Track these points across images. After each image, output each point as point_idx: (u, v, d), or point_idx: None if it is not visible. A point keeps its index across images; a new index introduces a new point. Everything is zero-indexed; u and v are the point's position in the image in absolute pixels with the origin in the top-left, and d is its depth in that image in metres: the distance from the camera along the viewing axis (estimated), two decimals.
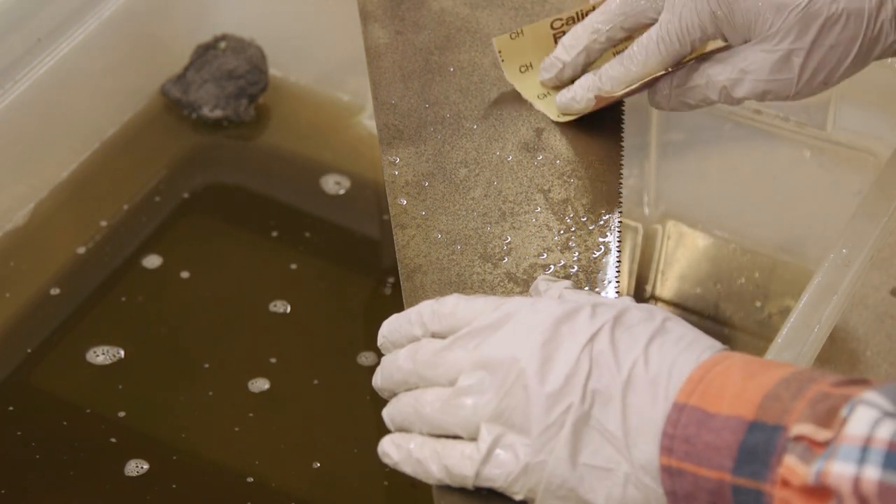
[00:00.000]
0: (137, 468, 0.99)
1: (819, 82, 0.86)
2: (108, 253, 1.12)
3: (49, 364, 1.05)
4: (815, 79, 0.86)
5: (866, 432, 0.63)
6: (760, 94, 0.86)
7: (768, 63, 0.85)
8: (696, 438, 0.69)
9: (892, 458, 0.62)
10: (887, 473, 0.61)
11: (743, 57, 0.86)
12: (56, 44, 1.12)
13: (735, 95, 0.87)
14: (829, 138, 1.08)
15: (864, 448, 0.62)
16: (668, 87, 0.89)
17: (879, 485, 0.61)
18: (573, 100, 0.92)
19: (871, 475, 0.62)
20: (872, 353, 1.11)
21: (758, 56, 0.85)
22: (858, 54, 0.85)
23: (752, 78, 0.86)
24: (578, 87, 0.92)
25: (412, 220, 0.89)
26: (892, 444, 0.62)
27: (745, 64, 0.86)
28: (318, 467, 0.99)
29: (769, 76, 0.85)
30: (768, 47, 0.85)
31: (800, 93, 0.86)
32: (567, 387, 0.72)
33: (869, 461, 0.62)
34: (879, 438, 0.62)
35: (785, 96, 0.87)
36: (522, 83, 0.94)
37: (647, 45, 0.88)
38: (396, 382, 0.78)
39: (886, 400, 0.63)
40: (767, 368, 0.70)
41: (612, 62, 0.90)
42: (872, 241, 0.91)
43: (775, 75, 0.85)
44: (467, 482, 0.74)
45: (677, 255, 1.17)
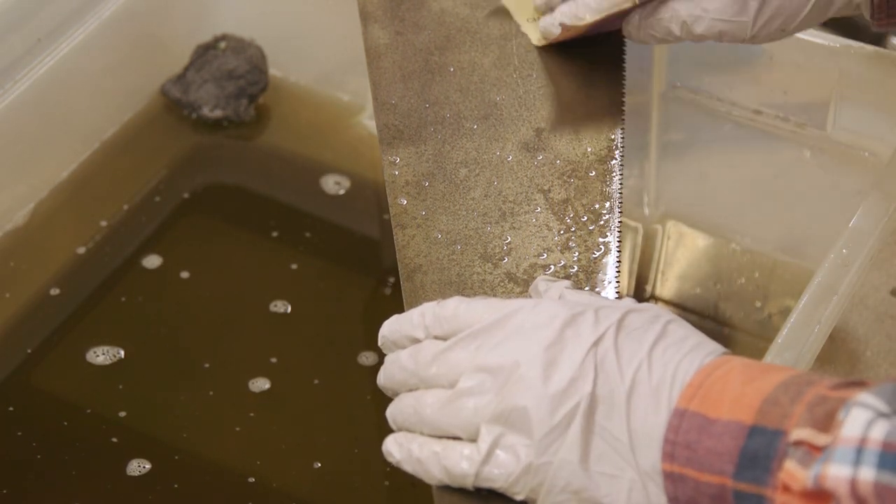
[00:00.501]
0: (140, 468, 0.99)
1: (776, 28, 0.89)
2: (108, 253, 1.12)
3: (49, 364, 1.05)
4: (772, 24, 0.89)
5: (861, 433, 0.63)
6: (717, 33, 0.90)
7: (727, 3, 0.88)
8: (698, 444, 0.69)
9: (886, 458, 0.62)
10: (882, 473, 0.61)
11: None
12: (56, 44, 1.12)
13: (695, 32, 0.90)
14: (829, 138, 1.07)
15: (858, 449, 0.62)
16: (638, 18, 0.92)
17: (875, 485, 0.61)
18: (552, 24, 0.95)
19: (866, 476, 0.62)
20: (872, 353, 1.11)
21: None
22: (816, 4, 0.88)
23: (711, 17, 0.89)
24: (558, 13, 0.95)
25: (412, 221, 0.89)
26: (885, 444, 0.62)
27: (707, 3, 0.89)
28: (319, 467, 0.99)
29: (726, 17, 0.89)
30: None
31: (756, 36, 0.90)
32: (571, 389, 0.72)
33: (864, 462, 0.62)
34: (873, 439, 0.62)
35: (741, 38, 0.90)
36: (517, 4, 0.98)
37: None
38: (398, 382, 0.78)
39: (880, 400, 0.64)
40: (766, 372, 0.70)
41: None
42: (872, 241, 0.91)
43: (732, 17, 0.89)
44: (467, 482, 0.75)
45: (677, 255, 1.17)
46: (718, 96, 1.10)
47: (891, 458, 0.62)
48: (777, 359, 0.85)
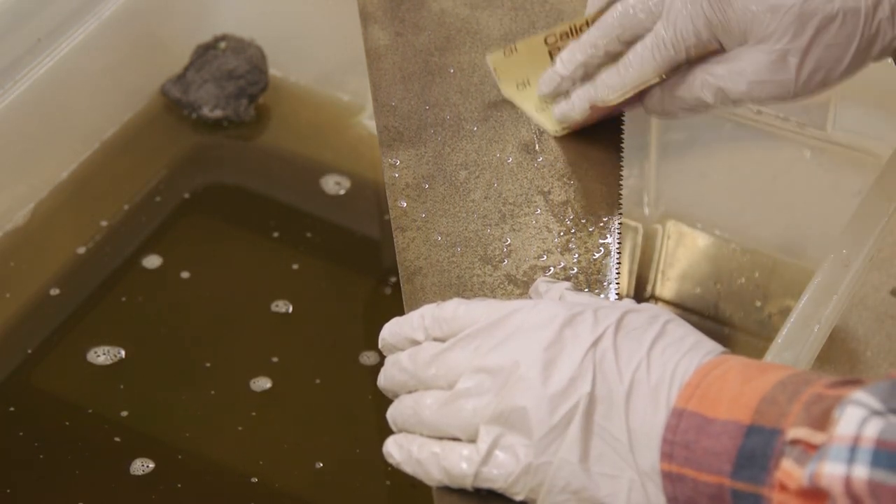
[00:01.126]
0: (143, 467, 0.99)
1: (817, 83, 0.85)
2: (108, 253, 1.13)
3: (50, 364, 1.05)
4: (814, 79, 0.85)
5: (854, 432, 0.63)
6: (757, 95, 0.86)
7: (765, 63, 0.84)
8: (696, 444, 0.69)
9: (879, 455, 0.62)
10: (876, 471, 0.62)
11: (739, 58, 0.85)
12: (56, 44, 1.12)
13: (731, 97, 0.86)
14: (829, 138, 1.08)
15: (852, 448, 0.62)
16: (661, 91, 0.89)
17: (869, 483, 0.62)
18: (571, 110, 0.91)
19: (860, 474, 0.62)
20: (872, 353, 1.11)
21: (754, 57, 0.85)
22: (857, 54, 0.84)
23: (749, 79, 0.85)
24: (575, 98, 0.91)
25: (412, 223, 0.89)
26: (879, 442, 0.62)
27: (742, 65, 0.85)
28: (321, 467, 0.99)
29: (766, 77, 0.85)
30: (765, 48, 0.84)
31: (798, 94, 0.86)
32: (570, 389, 0.72)
33: (857, 460, 0.62)
34: (867, 437, 0.62)
35: (783, 97, 0.86)
36: (520, 98, 0.94)
37: (642, 52, 0.87)
38: (398, 384, 0.78)
39: (874, 398, 0.64)
40: (764, 371, 0.70)
41: (608, 70, 0.89)
42: (872, 241, 0.91)
43: (772, 76, 0.85)
44: (466, 483, 0.75)
45: (677, 255, 1.17)
46: None
47: (884, 455, 0.62)
48: (777, 359, 0.85)
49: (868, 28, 0.84)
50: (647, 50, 0.87)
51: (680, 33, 0.86)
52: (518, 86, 0.94)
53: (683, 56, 0.87)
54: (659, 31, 0.86)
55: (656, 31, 0.87)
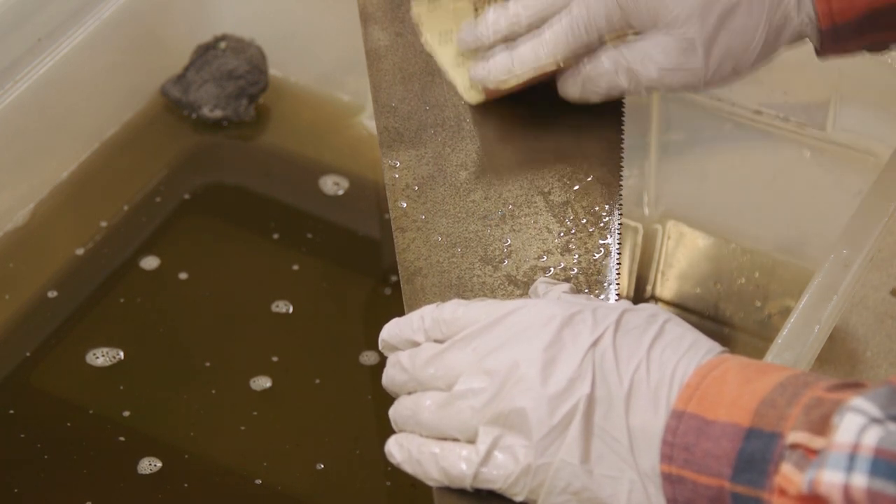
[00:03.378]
0: (151, 466, 0.99)
1: (729, 70, 0.86)
2: (107, 254, 1.13)
3: (49, 366, 1.05)
4: (724, 66, 0.85)
5: (853, 440, 0.63)
6: (669, 82, 0.86)
7: (673, 50, 0.85)
8: (695, 446, 0.69)
9: (878, 464, 0.62)
10: (874, 480, 0.62)
11: (650, 43, 0.85)
12: (56, 44, 1.12)
13: (644, 83, 0.86)
14: (829, 138, 1.08)
15: (851, 456, 0.62)
16: (577, 73, 0.88)
17: (868, 492, 0.62)
18: (487, 76, 0.90)
19: (859, 482, 0.62)
20: (872, 354, 1.11)
21: (662, 42, 0.85)
22: (766, 41, 0.85)
23: (659, 65, 0.85)
24: (492, 64, 0.90)
25: (412, 224, 0.89)
26: (878, 451, 0.62)
27: (652, 50, 0.85)
28: (322, 468, 1.00)
29: (675, 64, 0.85)
30: (673, 33, 0.84)
31: (710, 82, 0.86)
32: (570, 390, 0.72)
33: (856, 469, 0.62)
34: (866, 445, 0.62)
35: (695, 85, 0.86)
36: (440, 51, 0.94)
37: (557, 31, 0.87)
38: (399, 384, 0.78)
39: (873, 405, 0.64)
40: (763, 373, 0.70)
41: (525, 45, 0.89)
42: (872, 241, 0.91)
43: (682, 64, 0.85)
44: (466, 484, 0.75)
45: (677, 255, 1.17)
46: (718, 96, 1.10)
47: (883, 464, 0.62)
48: (777, 359, 0.85)
49: (773, 14, 0.84)
50: (563, 29, 0.87)
51: (593, 16, 0.86)
52: (440, 36, 0.94)
53: (596, 37, 0.87)
54: (574, 11, 0.87)
55: (571, 12, 0.87)
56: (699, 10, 0.84)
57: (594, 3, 0.86)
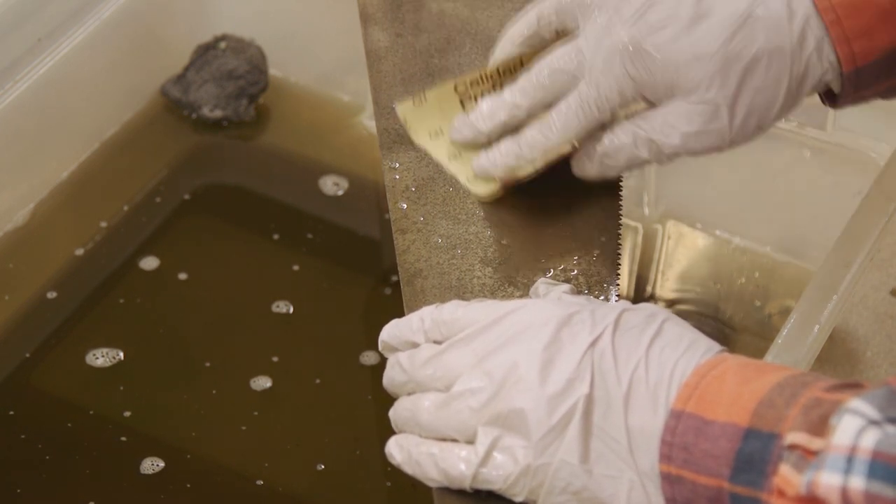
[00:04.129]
0: (153, 466, 0.99)
1: (753, 127, 0.82)
2: (107, 254, 1.13)
3: (48, 367, 1.05)
4: (749, 124, 0.82)
5: (851, 442, 0.63)
6: (693, 147, 0.82)
7: (695, 114, 0.81)
8: (694, 446, 0.69)
9: (875, 467, 0.62)
10: (872, 483, 0.62)
11: (669, 111, 0.82)
12: (56, 44, 1.13)
13: (665, 151, 0.83)
14: (829, 138, 1.08)
15: (849, 458, 0.63)
16: (592, 151, 0.85)
17: (866, 494, 0.62)
18: (493, 164, 0.87)
19: (856, 485, 0.62)
20: (872, 354, 1.11)
21: (684, 108, 0.81)
22: (788, 93, 0.81)
23: (682, 131, 0.81)
24: (497, 153, 0.87)
25: (412, 225, 0.89)
26: (875, 454, 0.62)
27: (673, 118, 0.82)
28: (322, 469, 1.00)
29: (698, 128, 0.81)
30: (694, 99, 0.81)
31: (735, 141, 0.82)
32: (569, 390, 0.72)
33: (854, 471, 0.62)
34: (863, 448, 0.62)
35: (720, 147, 0.82)
36: (433, 147, 0.91)
37: (567, 112, 0.84)
38: (398, 385, 0.78)
39: (871, 407, 0.64)
40: (762, 372, 0.70)
41: (532, 129, 0.85)
42: (872, 241, 0.91)
43: (705, 126, 0.81)
44: (465, 484, 0.75)
45: (677, 255, 1.17)
46: None
47: (880, 467, 0.62)
48: (777, 359, 0.85)
49: (796, 66, 0.81)
50: (572, 111, 0.83)
51: (604, 93, 0.82)
52: (430, 135, 0.91)
53: (608, 115, 0.83)
54: (583, 91, 0.83)
55: (580, 92, 0.83)
56: (719, 71, 0.80)
57: (604, 80, 0.82)
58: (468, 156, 0.89)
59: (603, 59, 0.82)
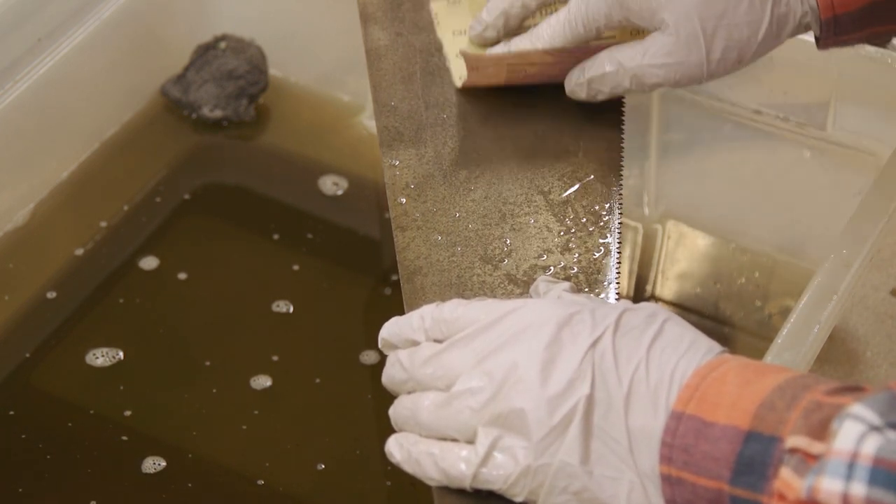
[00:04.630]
0: (155, 465, 0.99)
1: (733, 61, 0.86)
2: (107, 254, 1.12)
3: (48, 367, 1.05)
4: (728, 58, 0.86)
5: (852, 448, 0.63)
6: (672, 77, 0.87)
7: (675, 45, 0.85)
8: (694, 448, 0.69)
9: (877, 473, 0.62)
10: (873, 490, 0.62)
11: (651, 42, 0.86)
12: (56, 44, 1.12)
13: (646, 81, 0.87)
14: (829, 138, 1.08)
15: (850, 464, 0.62)
16: (581, 75, 0.90)
17: (867, 501, 0.62)
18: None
19: (857, 492, 0.62)
20: (872, 354, 1.11)
21: (664, 40, 0.86)
22: (769, 32, 0.86)
23: (661, 62, 0.86)
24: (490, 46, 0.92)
25: (412, 223, 0.89)
26: (876, 460, 0.62)
27: (654, 48, 0.86)
28: (323, 468, 1.00)
29: (676, 59, 0.86)
30: (673, 30, 0.85)
31: (713, 73, 0.87)
32: (569, 391, 0.72)
33: (855, 477, 0.62)
34: (864, 454, 0.62)
35: (698, 78, 0.87)
36: (451, 44, 0.95)
37: (555, 25, 0.89)
38: (398, 383, 0.78)
39: (873, 412, 0.63)
40: (762, 374, 0.70)
41: (522, 36, 0.91)
42: (872, 241, 0.91)
43: (683, 57, 0.86)
44: (465, 484, 0.75)
45: (677, 255, 1.17)
46: (718, 96, 1.10)
47: (882, 474, 0.62)
48: (777, 359, 0.85)
49: (777, 7, 0.85)
50: (560, 24, 0.89)
51: (592, 13, 0.88)
52: (454, 33, 0.95)
53: (594, 34, 0.88)
54: (573, 7, 0.88)
55: (570, 8, 0.88)
56: (700, 5, 0.84)
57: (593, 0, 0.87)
58: None
59: None
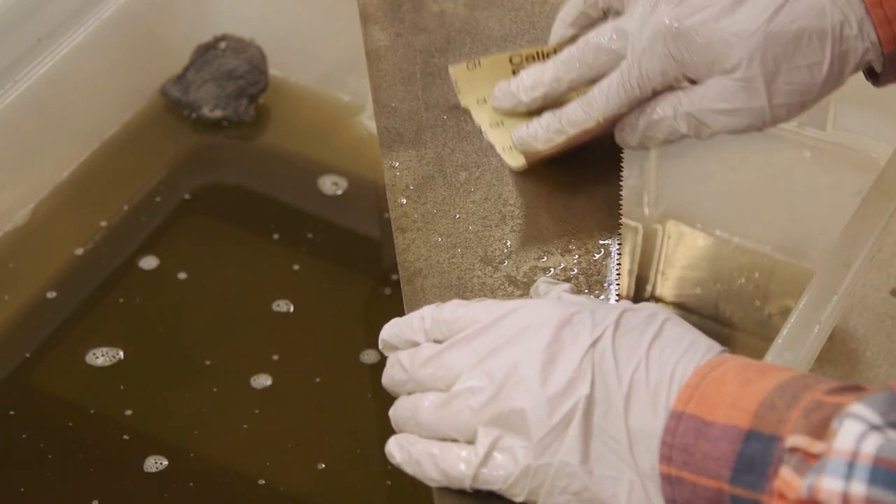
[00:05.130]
0: (157, 464, 0.99)
1: (796, 105, 0.83)
2: (107, 254, 1.13)
3: (49, 367, 1.05)
4: (791, 103, 0.83)
5: (853, 447, 0.63)
6: (732, 125, 0.84)
7: (734, 92, 0.82)
8: (694, 448, 0.69)
9: (876, 473, 0.62)
10: (873, 489, 0.62)
11: (709, 88, 0.83)
12: (56, 44, 1.12)
13: (706, 126, 0.84)
14: (829, 139, 1.08)
15: (850, 464, 0.62)
16: (635, 123, 0.86)
17: (867, 500, 0.62)
18: (533, 137, 0.88)
19: (857, 491, 0.62)
20: (872, 354, 1.11)
21: (723, 86, 0.82)
22: (831, 72, 0.82)
23: (720, 108, 0.83)
24: (538, 126, 0.88)
25: (412, 224, 0.89)
26: (877, 459, 0.62)
27: (712, 95, 0.83)
28: (323, 468, 1.00)
29: (737, 105, 0.82)
30: (733, 77, 0.82)
31: (776, 119, 0.84)
32: (569, 391, 0.72)
33: (855, 477, 0.62)
34: (864, 454, 0.62)
35: (758, 125, 0.84)
36: (478, 112, 0.93)
37: (608, 90, 0.85)
38: (398, 384, 0.78)
39: (873, 412, 0.64)
40: (762, 374, 0.70)
41: (573, 105, 0.87)
42: (872, 241, 0.91)
43: (743, 104, 0.82)
44: (465, 485, 0.75)
45: (677, 255, 1.17)
46: None
47: (882, 473, 0.62)
48: (777, 359, 0.85)
49: (837, 46, 0.82)
50: (613, 88, 0.85)
51: (646, 72, 0.84)
52: (478, 101, 0.93)
53: (649, 94, 0.85)
54: (624, 70, 0.84)
55: (622, 71, 0.85)
56: (759, 49, 0.81)
57: (646, 59, 0.83)
58: (510, 125, 0.91)
59: (647, 38, 0.83)
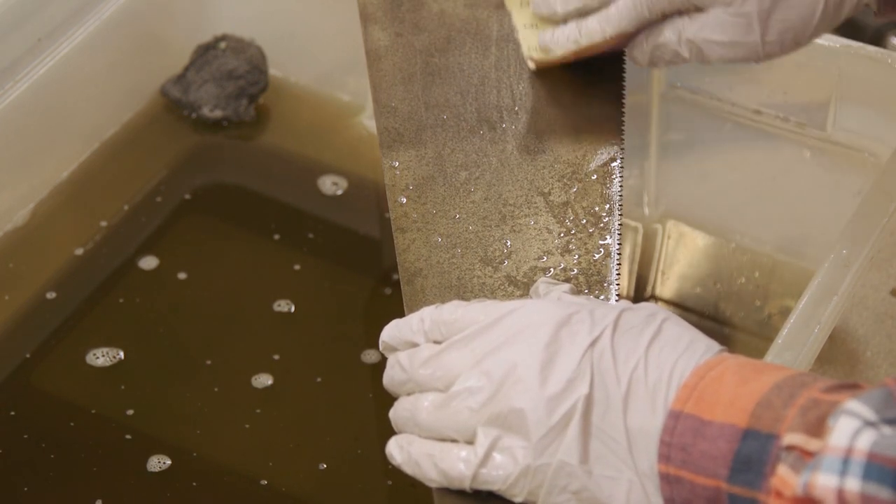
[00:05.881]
0: (160, 463, 0.99)
1: (790, 42, 0.87)
2: (107, 254, 1.13)
3: (49, 367, 1.05)
4: (784, 39, 0.86)
5: (847, 443, 0.63)
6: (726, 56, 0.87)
7: (730, 26, 0.86)
8: (692, 447, 0.69)
9: (871, 468, 0.62)
10: (867, 484, 0.62)
11: (709, 19, 0.87)
12: (56, 44, 1.12)
13: (705, 55, 0.88)
14: (829, 138, 1.08)
15: (845, 460, 0.63)
16: (645, 42, 0.90)
17: (861, 496, 0.62)
18: (554, 43, 0.93)
19: (852, 487, 0.62)
20: (872, 354, 1.11)
21: (721, 18, 0.86)
22: (825, 13, 0.86)
23: (717, 40, 0.87)
24: (562, 35, 0.92)
25: (412, 224, 0.89)
26: (871, 455, 0.62)
27: (711, 26, 0.87)
28: (324, 468, 1.00)
29: (732, 39, 0.86)
30: (731, 11, 0.85)
31: (769, 54, 0.87)
32: (568, 391, 0.72)
33: (850, 472, 0.62)
34: (859, 449, 0.63)
35: (753, 59, 0.87)
36: (518, 12, 0.96)
37: (622, 9, 0.89)
38: (398, 384, 0.79)
39: (868, 408, 0.64)
40: (760, 373, 0.70)
41: (593, 18, 0.91)
42: (872, 241, 0.91)
43: (739, 37, 0.86)
44: (465, 485, 0.75)
45: (677, 255, 1.17)
46: (718, 96, 1.10)
47: (876, 468, 0.62)
48: (777, 359, 0.85)
49: None
50: (627, 8, 0.89)
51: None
52: (521, 3, 0.96)
53: (658, 16, 0.88)
54: None
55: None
56: None
57: None
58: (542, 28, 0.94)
59: None
